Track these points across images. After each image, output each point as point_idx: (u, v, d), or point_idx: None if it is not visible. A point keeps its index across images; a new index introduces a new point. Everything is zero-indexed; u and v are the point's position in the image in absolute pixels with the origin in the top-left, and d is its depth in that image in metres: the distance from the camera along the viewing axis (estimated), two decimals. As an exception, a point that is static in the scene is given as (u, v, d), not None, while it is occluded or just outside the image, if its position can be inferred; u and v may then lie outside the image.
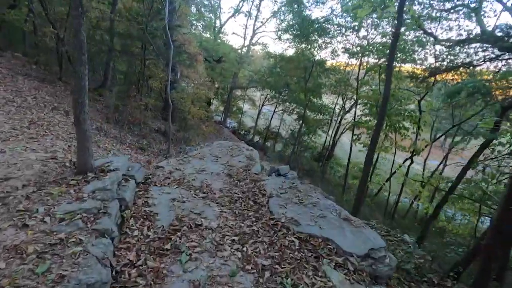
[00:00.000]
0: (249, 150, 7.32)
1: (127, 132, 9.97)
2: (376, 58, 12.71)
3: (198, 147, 7.97)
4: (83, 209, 3.13)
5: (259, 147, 24.99)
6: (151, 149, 10.18)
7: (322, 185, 16.39)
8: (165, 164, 5.85)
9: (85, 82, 3.65)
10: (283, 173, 9.14)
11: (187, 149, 7.89)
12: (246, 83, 28.21)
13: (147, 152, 9.35)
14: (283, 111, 25.32)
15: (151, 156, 9.13)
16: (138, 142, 9.84)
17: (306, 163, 20.05)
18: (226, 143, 7.67)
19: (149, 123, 13.70)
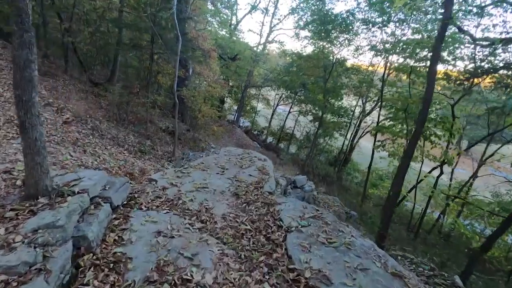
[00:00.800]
0: (262, 161, 6.11)
1: (129, 132, 8.93)
2: (407, 56, 11.22)
3: (203, 154, 6.82)
4: (1, 267, 1.99)
5: (272, 148, 23.77)
6: (154, 152, 9.11)
7: (338, 192, 15.03)
8: (159, 177, 4.71)
9: (32, 73, 2.51)
10: (300, 185, 7.91)
11: (190, 156, 6.78)
12: (261, 81, 27.00)
13: (148, 155, 8.28)
14: (299, 112, 23.96)
15: (152, 160, 8.05)
16: (140, 144, 8.78)
17: (321, 167, 18.68)
18: (235, 150, 6.49)
19: (156, 122, 12.68)
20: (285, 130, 25.26)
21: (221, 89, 17.37)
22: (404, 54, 10.83)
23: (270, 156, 21.06)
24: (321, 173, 17.64)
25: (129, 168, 5.95)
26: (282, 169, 17.32)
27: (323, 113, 14.89)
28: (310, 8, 17.59)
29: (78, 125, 7.18)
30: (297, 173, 13.58)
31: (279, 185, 5.66)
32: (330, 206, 9.16)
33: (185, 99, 13.89)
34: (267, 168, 5.67)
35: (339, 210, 9.07)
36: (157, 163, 8.08)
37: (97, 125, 7.76)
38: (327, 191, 14.28)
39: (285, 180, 7.31)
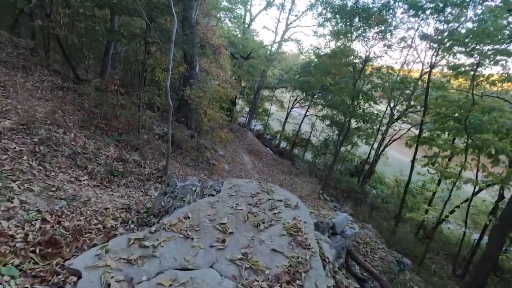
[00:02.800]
0: (292, 208, 3.48)
1: (109, 143, 6.43)
2: (467, 52, 8.36)
3: (194, 185, 4.20)
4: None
5: (286, 155, 21.08)
6: (139, 170, 6.60)
7: (367, 213, 12.25)
8: (89, 265, 2.15)
9: None
10: (340, 229, 5.26)
11: (177, 188, 4.19)
12: (275, 82, 24.38)
13: (125, 179, 5.76)
14: (316, 117, 21.21)
15: (131, 187, 5.56)
16: (118, 161, 6.28)
17: (342, 179, 15.89)
18: (247, 185, 3.89)
19: (152, 127, 10.20)
20: (300, 135, 22.54)
21: (231, 90, 14.83)
22: (465, 47, 8.00)
23: (285, 165, 18.41)
24: (344, 187, 14.88)
25: (65, 218, 3.41)
26: (299, 181, 14.65)
27: (350, 119, 12.17)
28: (332, 2, 14.77)
29: (19, 136, 4.72)
30: (333, 202, 10.88)
31: (326, 261, 3.02)
32: (375, 251, 6.47)
33: (189, 101, 11.42)
34: (304, 229, 3.03)
35: (386, 257, 6.36)
36: (136, 191, 5.57)
37: (53, 136, 5.29)
38: (354, 213, 11.53)
39: (318, 221, 4.69)
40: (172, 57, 6.72)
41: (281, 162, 18.12)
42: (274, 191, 3.86)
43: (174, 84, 16.00)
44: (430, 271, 10.03)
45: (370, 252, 6.40)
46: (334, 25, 14.75)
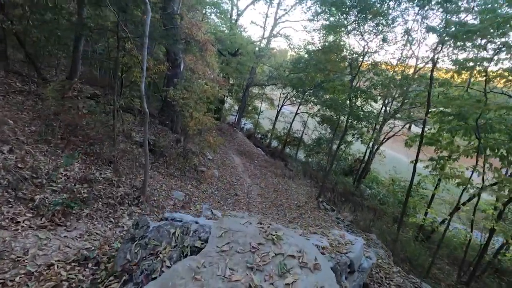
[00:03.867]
0: (312, 270, 2.39)
1: (68, 162, 5.14)
2: (479, 45, 7.43)
3: (166, 223, 3.03)
4: None
5: (278, 155, 20.04)
6: (110, 191, 5.37)
7: (368, 218, 11.34)
8: None
9: None
10: (357, 265, 4.22)
11: (150, 230, 3.02)
12: (264, 79, 23.20)
13: (88, 209, 4.51)
14: (308, 114, 20.20)
15: (94, 222, 4.33)
16: (81, 182, 5.01)
17: (338, 180, 14.96)
18: (244, 229, 2.77)
19: (131, 134, 8.90)
20: (292, 133, 21.51)
21: (220, 89, 13.61)
22: (481, 39, 7.06)
23: (277, 166, 17.34)
24: (340, 189, 13.95)
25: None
26: (294, 185, 13.63)
27: (348, 119, 11.18)
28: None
29: None
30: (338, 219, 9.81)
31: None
32: (390, 276, 5.48)
33: (173, 102, 10.17)
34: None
35: (404, 283, 5.38)
36: (103, 224, 4.35)
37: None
38: (354, 219, 10.60)
39: (335, 263, 3.64)
40: (146, 53, 5.45)
41: (274, 163, 17.06)
42: (281, 237, 2.76)
43: (158, 84, 14.64)
44: (437, 281, 9.22)
45: (385, 278, 5.40)
46: (326, 18, 13.65)
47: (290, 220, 6.82)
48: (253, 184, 12.34)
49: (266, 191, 11.32)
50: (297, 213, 8.37)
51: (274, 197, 10.48)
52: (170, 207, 6.51)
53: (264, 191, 11.22)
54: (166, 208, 6.37)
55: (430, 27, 7.91)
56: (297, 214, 8.20)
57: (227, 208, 7.84)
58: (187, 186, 8.47)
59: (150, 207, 5.83)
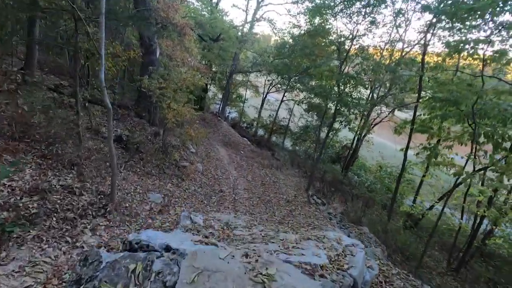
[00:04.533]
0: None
1: (7, 172, 4.19)
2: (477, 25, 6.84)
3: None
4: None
5: (264, 144, 19.35)
6: (69, 203, 4.50)
7: (356, 208, 10.94)
8: None
9: None
10: (361, 282, 3.63)
11: (103, 267, 2.26)
12: (248, 66, 22.13)
13: (36, 229, 3.65)
14: (294, 102, 19.48)
15: (42, 246, 3.49)
16: (30, 196, 4.11)
17: (327, 169, 14.48)
18: (224, 267, 2.05)
19: (101, 129, 7.91)
20: (278, 121, 20.80)
21: (201, 77, 12.59)
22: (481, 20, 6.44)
23: (264, 157, 16.65)
24: (329, 178, 13.48)
25: None
26: (282, 176, 13.02)
27: (336, 106, 10.52)
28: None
29: None
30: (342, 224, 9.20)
31: None
32: (390, 279, 4.97)
33: (149, 92, 9.16)
34: None
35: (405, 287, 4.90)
36: (56, 247, 3.53)
37: None
38: (345, 211, 10.15)
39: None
40: (104, 36, 4.47)
41: (260, 154, 16.37)
42: (274, 277, 2.05)
43: (133, 73, 13.43)
44: (429, 270, 8.98)
45: (385, 283, 4.89)
46: (311, 0, 12.73)
47: (280, 221, 6.19)
48: (240, 177, 11.64)
49: (253, 184, 10.66)
50: (286, 210, 7.76)
51: (262, 191, 9.83)
52: (145, 214, 5.71)
53: (251, 185, 10.55)
54: (141, 215, 5.57)
55: (425, 5, 7.21)
56: (287, 212, 7.60)
57: (211, 208, 7.12)
58: (167, 186, 7.65)
59: (120, 216, 5.02)
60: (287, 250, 3.64)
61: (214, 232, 4.57)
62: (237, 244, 3.83)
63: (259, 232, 4.95)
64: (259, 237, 4.59)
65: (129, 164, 7.42)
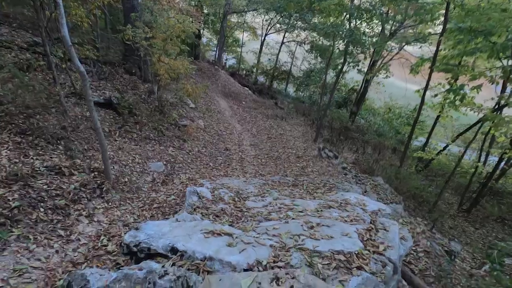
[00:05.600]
0: None
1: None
2: None
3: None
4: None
5: (266, 92, 18.22)
6: (57, 188, 3.91)
7: (367, 156, 10.48)
8: None
9: None
10: (399, 265, 3.15)
11: None
12: (243, 5, 19.65)
13: (15, 232, 3.10)
14: (296, 43, 17.72)
15: (22, 253, 2.96)
16: (3, 188, 3.49)
17: (334, 115, 13.68)
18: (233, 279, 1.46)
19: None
20: (279, 66, 19.28)
21: (192, 22, 10.99)
22: None
23: (267, 106, 15.70)
24: (337, 126, 12.79)
25: None
26: (288, 126, 12.30)
27: (347, 47, 9.23)
28: None
29: None
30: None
31: None
32: (415, 238, 4.62)
33: (135, 45, 7.96)
34: None
35: (432, 247, 4.56)
36: (44, 249, 3.02)
37: None
38: (356, 161, 9.69)
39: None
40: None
41: (263, 103, 15.43)
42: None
43: (116, 22, 11.76)
44: (442, 214, 8.84)
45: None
46: None
47: (294, 183, 5.68)
48: (244, 131, 10.96)
49: (259, 139, 10.04)
50: (298, 168, 7.25)
51: (269, 146, 9.25)
52: (148, 186, 5.19)
53: (257, 140, 9.94)
54: (143, 189, 5.05)
55: None
56: (299, 170, 7.09)
57: (218, 172, 6.60)
58: (168, 150, 7.03)
59: (119, 194, 4.48)
60: (313, 232, 3.13)
61: (225, 207, 4.06)
62: (254, 227, 3.32)
63: (274, 201, 4.46)
64: (276, 210, 4.10)
65: (124, 130, 6.69)
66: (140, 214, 4.18)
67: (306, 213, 3.93)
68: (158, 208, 4.43)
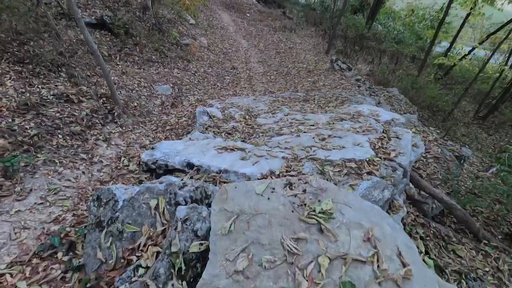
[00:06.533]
0: None
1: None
2: None
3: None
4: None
5: (272, 1, 16.27)
6: (69, 115, 3.97)
7: (386, 69, 9.86)
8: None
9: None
10: (409, 170, 3.19)
11: (121, 207, 1.89)
12: None
13: (40, 159, 3.24)
14: None
15: (52, 177, 3.18)
16: (20, 117, 3.54)
17: (349, 22, 12.37)
18: (264, 213, 1.55)
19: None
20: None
21: None
22: None
23: (275, 17, 14.22)
24: (351, 33, 11.68)
25: None
26: (298, 39, 11.35)
27: None
28: None
29: None
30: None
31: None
32: (426, 146, 4.68)
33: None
34: None
35: (442, 153, 4.63)
36: (73, 171, 3.23)
37: None
38: (371, 71, 9.19)
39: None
40: None
41: (270, 14, 13.97)
42: (331, 213, 1.58)
43: None
44: (456, 122, 8.76)
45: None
46: None
47: (304, 98, 5.54)
48: (250, 47, 10.26)
49: (267, 55, 9.45)
50: (309, 83, 6.95)
51: (278, 62, 8.75)
52: (158, 110, 5.20)
53: (265, 56, 9.37)
54: (153, 112, 5.08)
55: None
56: (310, 84, 6.80)
57: (226, 92, 6.45)
58: (173, 72, 6.79)
59: (131, 119, 4.55)
60: (325, 143, 3.16)
61: (236, 125, 4.08)
62: (266, 142, 3.37)
63: (285, 117, 4.43)
64: (287, 125, 4.10)
65: (124, 53, 6.35)
66: (155, 137, 4.31)
67: (317, 126, 3.92)
68: (171, 130, 4.52)
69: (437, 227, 3.61)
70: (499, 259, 3.34)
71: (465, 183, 4.50)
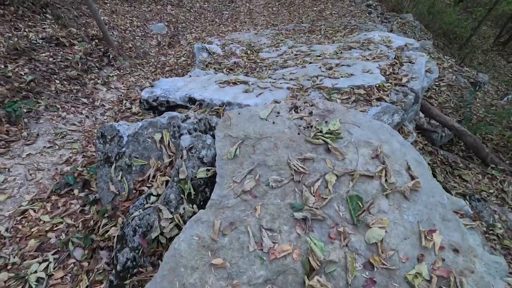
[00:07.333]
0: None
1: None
2: None
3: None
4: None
5: None
6: (62, 58, 3.80)
7: None
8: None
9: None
10: (421, 95, 3.02)
11: (126, 142, 1.87)
12: None
13: (42, 100, 3.14)
14: None
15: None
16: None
17: None
18: (269, 136, 1.51)
19: None
20: None
21: None
22: None
23: None
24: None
25: None
26: None
27: None
28: None
29: None
30: None
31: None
32: (441, 76, 4.42)
33: None
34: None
35: (457, 80, 4.38)
36: (76, 115, 3.20)
37: None
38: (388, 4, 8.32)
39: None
40: None
41: None
42: (339, 133, 1.53)
43: None
44: (473, 49, 8.18)
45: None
46: None
47: (310, 29, 5.13)
48: None
49: (268, -16, 8.52)
50: (315, 12, 6.34)
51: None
52: (155, 50, 4.93)
53: (266, -15, 8.46)
54: (150, 53, 4.83)
55: None
56: (316, 14, 6.21)
57: (226, 28, 5.99)
58: (166, 8, 6.26)
59: (128, 61, 4.35)
60: (332, 72, 2.98)
61: (238, 60, 3.87)
62: (270, 75, 3.21)
63: (289, 50, 4.14)
64: (291, 57, 3.85)
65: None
66: (154, 78, 4.16)
67: (324, 56, 3.68)
68: (171, 71, 4.34)
69: (445, 154, 3.60)
70: (505, 181, 3.39)
71: (477, 112, 4.36)
